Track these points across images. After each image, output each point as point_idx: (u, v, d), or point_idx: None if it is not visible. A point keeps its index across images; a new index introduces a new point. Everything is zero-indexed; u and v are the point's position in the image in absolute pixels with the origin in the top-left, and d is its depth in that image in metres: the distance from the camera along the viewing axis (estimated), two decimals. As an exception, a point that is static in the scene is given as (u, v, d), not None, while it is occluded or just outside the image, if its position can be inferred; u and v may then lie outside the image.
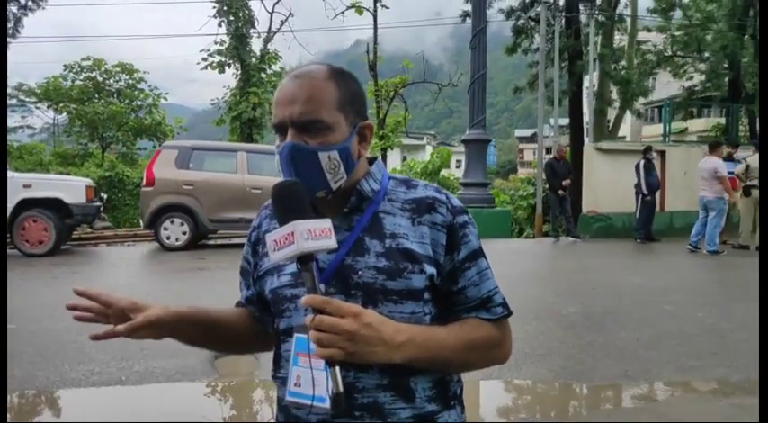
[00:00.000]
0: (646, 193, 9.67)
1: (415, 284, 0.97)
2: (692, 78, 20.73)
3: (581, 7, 14.46)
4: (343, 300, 0.91)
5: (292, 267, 1.01)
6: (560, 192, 10.07)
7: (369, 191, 1.03)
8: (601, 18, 14.74)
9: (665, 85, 23.44)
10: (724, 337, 4.79)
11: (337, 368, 0.84)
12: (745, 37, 15.91)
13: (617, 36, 18.51)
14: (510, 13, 15.17)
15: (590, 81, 13.60)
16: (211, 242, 10.58)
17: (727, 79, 16.39)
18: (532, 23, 15.81)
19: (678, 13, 19.42)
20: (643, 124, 35.64)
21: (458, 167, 41.11)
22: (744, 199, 8.52)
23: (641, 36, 20.85)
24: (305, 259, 0.88)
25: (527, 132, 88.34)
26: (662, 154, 11.06)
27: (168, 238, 8.92)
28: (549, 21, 12.05)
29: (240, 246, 1.35)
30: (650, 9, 19.64)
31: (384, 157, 15.45)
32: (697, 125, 29.37)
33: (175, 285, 6.87)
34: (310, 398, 0.93)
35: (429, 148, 48.00)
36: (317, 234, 0.88)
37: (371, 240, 0.99)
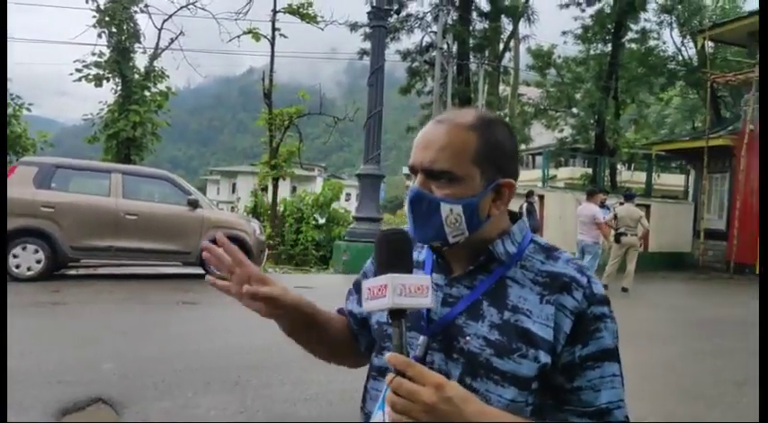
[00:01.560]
0: (528, 235, 10.14)
1: (523, 371, 0.88)
2: (562, 131, 22.76)
3: (471, 56, 15.33)
4: (442, 359, 0.91)
5: None
6: None
7: (502, 253, 0.95)
8: (488, 68, 15.73)
9: (538, 135, 25.52)
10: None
11: None
12: (609, 98, 17.79)
13: (501, 87, 19.88)
14: (406, 55, 15.68)
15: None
16: (72, 272, 9.35)
17: (593, 134, 18.15)
18: (426, 67, 16.45)
19: (553, 72, 21.38)
20: (522, 169, 38.36)
21: (347, 201, 41.41)
22: (615, 244, 9.26)
23: (521, 90, 22.59)
24: (396, 314, 0.84)
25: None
26: (541, 198, 11.78)
27: (18, 267, 7.69)
28: (443, 66, 12.58)
29: (108, 276, 1.02)
30: (529, 65, 21.43)
31: (275, 187, 14.95)
32: (564, 173, 32.21)
33: (22, 322, 5.85)
34: None
35: (320, 180, 47.94)
36: (411, 291, 0.84)
37: (490, 307, 0.92)
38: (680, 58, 19.42)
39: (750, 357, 5.75)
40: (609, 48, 18.63)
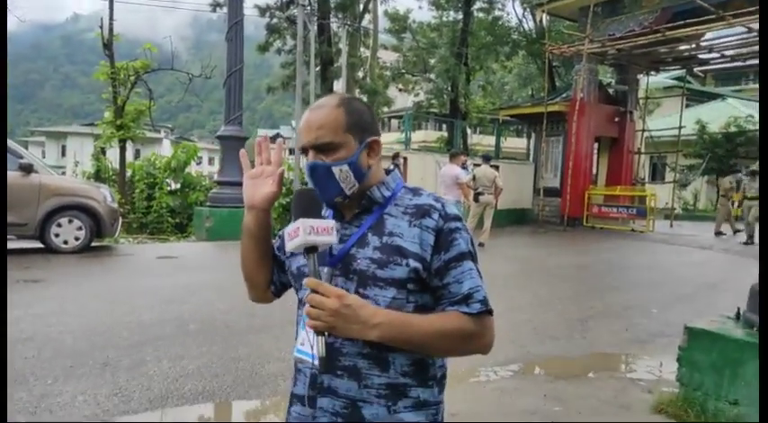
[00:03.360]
0: (394, 195, 10.45)
1: (398, 274, 1.16)
2: (418, 94, 23.57)
3: (332, 17, 15.04)
4: (343, 281, 1.18)
5: None
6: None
7: (378, 197, 1.24)
8: (350, 29, 15.58)
9: (393, 99, 26.18)
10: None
11: (322, 338, 1.07)
12: (461, 64, 18.72)
13: (361, 49, 19.87)
14: (265, 10, 14.87)
15: (343, 87, 14.25)
16: None
17: (448, 98, 19.07)
18: (285, 25, 15.81)
19: (409, 36, 21.88)
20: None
21: (198, 164, 38.97)
22: (473, 203, 9.94)
23: (379, 53, 22.81)
24: (310, 250, 1.10)
25: (270, 132, 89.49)
26: (405, 160, 12.18)
27: None
28: (306, 24, 12.18)
29: None
30: (387, 28, 21.69)
31: (123, 149, 13.48)
32: (419, 136, 33.60)
33: None
34: (309, 355, 1.15)
35: (166, 142, 44.38)
36: (319, 230, 1.09)
37: (373, 236, 1.19)
38: (521, 29, 21.00)
39: (589, 298, 6.66)
40: (460, 15, 19.50)
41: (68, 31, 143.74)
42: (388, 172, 1.30)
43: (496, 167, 12.30)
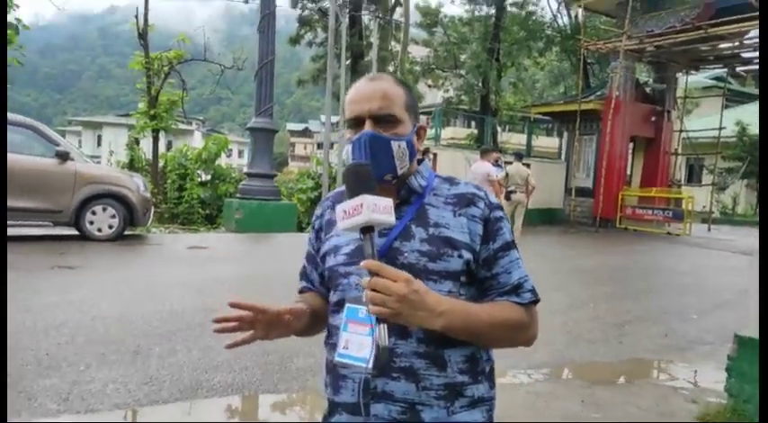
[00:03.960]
0: (423, 191, 10.34)
1: (452, 267, 1.11)
2: (447, 90, 23.32)
3: (364, 9, 14.95)
4: None
5: (348, 249, 1.18)
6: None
7: (417, 186, 1.19)
8: (381, 23, 15.47)
9: (423, 95, 25.94)
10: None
11: (384, 326, 0.96)
12: (493, 60, 18.44)
13: (391, 43, 19.73)
14: (297, 1, 14.85)
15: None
16: None
17: (479, 95, 18.81)
18: (317, 17, 15.78)
19: (440, 31, 21.65)
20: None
21: (228, 157, 39.39)
22: (505, 201, 9.76)
23: (409, 48, 22.63)
24: (367, 229, 1.01)
25: (298, 126, 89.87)
26: (434, 156, 12.04)
27: None
28: (338, 16, 12.11)
29: None
30: (417, 23, 21.49)
31: (156, 140, 13.66)
32: (447, 132, 33.34)
33: None
34: (356, 359, 1.07)
35: (197, 135, 45.01)
36: (380, 208, 1.00)
37: (417, 228, 1.14)
38: (555, 24, 20.58)
39: (624, 301, 6.45)
40: (493, 10, 19.19)
41: (105, 23, 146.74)
42: (418, 161, 1.25)
43: (527, 166, 12.07)
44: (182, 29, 15.99)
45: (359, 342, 1.07)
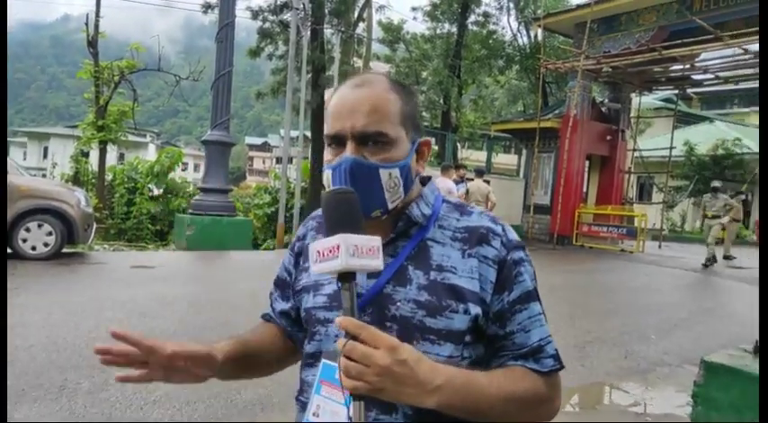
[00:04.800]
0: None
1: (456, 325, 0.89)
2: (409, 107, 23.37)
3: (326, 23, 14.80)
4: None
5: (330, 288, 0.96)
6: None
7: (419, 216, 0.96)
8: (343, 37, 15.36)
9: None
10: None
11: (362, 403, 0.77)
12: (454, 77, 18.57)
13: (353, 59, 19.64)
14: (257, 13, 14.60)
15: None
16: None
17: (440, 111, 18.92)
18: (278, 29, 15.53)
19: (402, 47, 21.75)
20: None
21: (184, 170, 38.38)
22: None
23: (371, 64, 22.64)
24: (346, 277, 0.81)
25: (257, 140, 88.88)
26: (395, 172, 11.87)
27: None
28: (298, 29, 11.92)
29: None
30: (380, 39, 21.53)
31: (103, 152, 13.03)
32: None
33: None
34: None
35: (152, 147, 43.77)
36: (363, 252, 0.80)
37: (415, 270, 0.92)
38: (515, 43, 20.97)
39: (584, 321, 6.39)
40: (455, 28, 19.41)
41: (58, 32, 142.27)
42: (423, 182, 1.00)
43: (487, 182, 12.05)
44: (139, 39, 15.49)
45: (332, 410, 0.85)
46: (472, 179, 9.99)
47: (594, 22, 13.85)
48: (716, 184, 12.43)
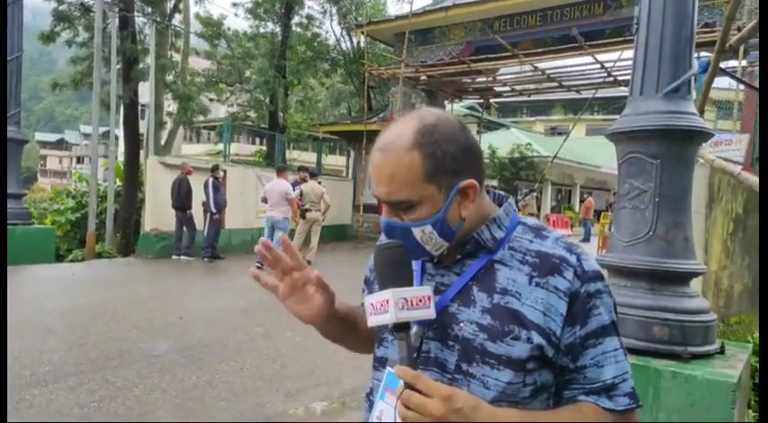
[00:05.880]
0: (214, 211, 9.63)
1: (516, 353, 0.87)
2: (232, 105, 22.49)
3: (137, 11, 13.48)
4: (438, 347, 0.91)
5: None
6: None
7: (489, 239, 0.95)
8: (159, 27, 14.13)
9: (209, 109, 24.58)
10: (313, 353, 5.03)
11: None
12: (281, 77, 18.30)
13: (170, 52, 18.20)
14: (52, -8, 12.69)
15: (151, 90, 12.74)
16: None
17: (268, 111, 18.46)
18: (78, 13, 13.73)
19: (223, 43, 20.76)
20: (183, 143, 36.53)
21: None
22: (301, 220, 9.57)
23: (191, 59, 21.25)
24: (401, 327, 0.86)
25: (51, 137, 77.77)
26: (224, 173, 11.31)
27: None
28: (105, 14, 10.62)
29: None
30: (198, 33, 20.30)
31: None
32: (232, 149, 32.14)
33: None
34: None
35: None
36: (413, 303, 0.87)
37: (480, 292, 0.92)
38: (340, 48, 21.40)
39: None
40: (279, 28, 19.15)
41: None
42: (499, 200, 1.00)
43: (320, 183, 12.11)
44: None
45: (392, 416, 0.89)
46: (307, 180, 9.95)
47: (412, 34, 14.78)
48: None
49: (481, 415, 0.81)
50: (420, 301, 0.87)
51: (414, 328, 0.92)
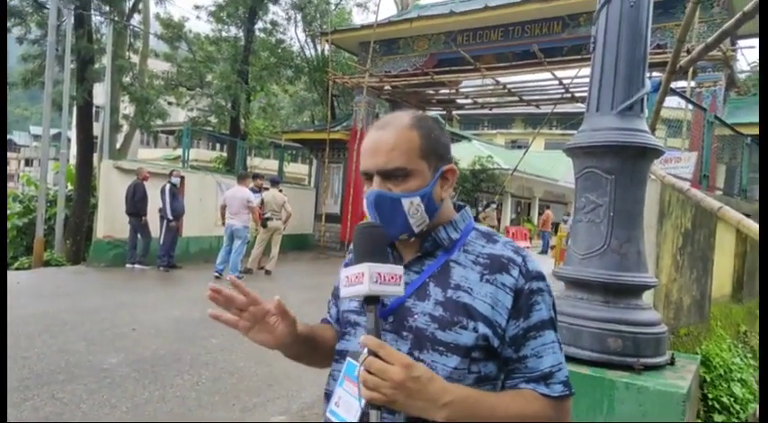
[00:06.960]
0: (171, 218, 9.37)
1: (463, 340, 0.97)
2: (192, 110, 22.06)
3: (94, 9, 13.07)
4: (394, 338, 1.00)
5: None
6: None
7: (445, 239, 1.07)
8: (116, 28, 13.74)
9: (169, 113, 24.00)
10: (271, 365, 4.93)
11: (378, 412, 0.88)
12: (243, 82, 18.06)
13: (128, 53, 17.71)
14: (2, -13, 12.15)
15: (107, 91, 12.33)
16: None
17: (229, 117, 18.17)
18: (30, 9, 13.23)
19: (184, 46, 20.36)
20: (140, 147, 35.57)
21: None
22: (261, 229, 9.41)
23: (149, 61, 20.75)
24: (370, 300, 0.94)
25: (-2, 137, 74.26)
26: (182, 179, 11.05)
27: None
28: (60, 11, 10.25)
29: None
30: (158, 35, 19.86)
31: None
32: (191, 154, 31.43)
33: None
34: (343, 420, 0.98)
35: None
36: (386, 279, 0.94)
37: (435, 287, 1.02)
38: (303, 55, 21.29)
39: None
40: (242, 32, 18.94)
41: None
42: (458, 208, 1.12)
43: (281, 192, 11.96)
44: None
45: (349, 403, 0.98)
46: (267, 188, 9.80)
47: (377, 43, 14.86)
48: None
49: (435, 386, 0.89)
50: (392, 277, 0.94)
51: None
